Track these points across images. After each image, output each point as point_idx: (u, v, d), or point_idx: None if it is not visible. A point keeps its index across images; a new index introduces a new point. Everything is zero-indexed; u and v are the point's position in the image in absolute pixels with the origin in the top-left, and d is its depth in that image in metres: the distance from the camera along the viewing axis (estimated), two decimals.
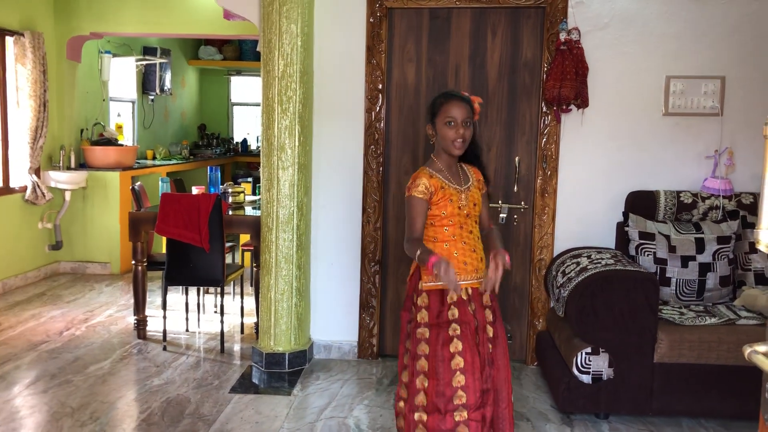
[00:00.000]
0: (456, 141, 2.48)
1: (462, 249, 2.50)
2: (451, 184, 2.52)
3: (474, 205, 2.56)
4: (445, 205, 2.48)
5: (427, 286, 2.50)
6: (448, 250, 2.49)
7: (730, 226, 3.63)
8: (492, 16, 3.97)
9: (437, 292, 2.49)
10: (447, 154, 2.54)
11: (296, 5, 3.73)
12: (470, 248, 2.51)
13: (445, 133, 2.49)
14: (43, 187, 5.96)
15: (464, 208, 2.52)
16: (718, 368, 3.19)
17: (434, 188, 2.48)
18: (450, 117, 2.48)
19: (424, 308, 2.49)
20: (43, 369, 3.93)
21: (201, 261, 4.23)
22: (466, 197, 2.53)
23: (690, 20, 3.82)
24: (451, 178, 2.54)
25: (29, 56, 5.67)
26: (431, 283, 2.48)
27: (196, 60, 9.43)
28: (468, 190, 2.55)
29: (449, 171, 2.55)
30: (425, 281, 2.50)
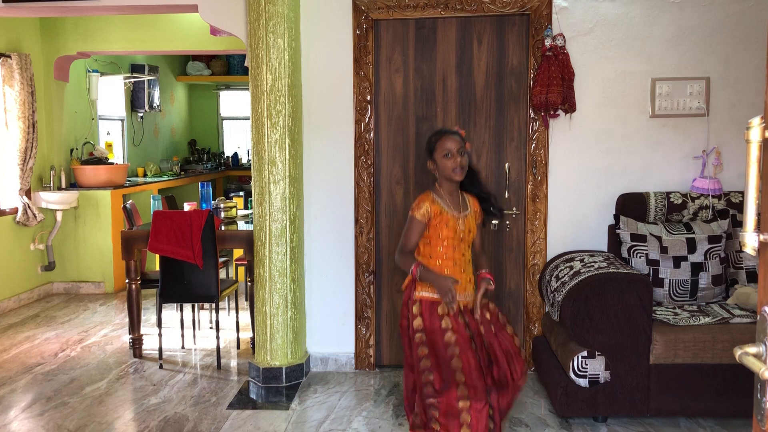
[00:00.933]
0: (455, 169, 2.76)
1: (452, 269, 2.75)
2: (450, 210, 2.78)
3: (469, 231, 2.81)
4: (442, 228, 2.74)
5: (420, 295, 2.73)
6: (440, 267, 2.74)
7: (721, 225, 3.66)
8: (477, 24, 4.00)
9: (429, 301, 2.72)
10: (449, 181, 2.80)
11: (282, 20, 3.75)
12: (461, 269, 2.77)
13: (445, 164, 2.78)
14: (34, 208, 5.94)
15: (460, 232, 2.77)
16: (713, 367, 3.21)
17: (433, 213, 2.75)
18: (446, 149, 2.77)
19: (419, 315, 2.72)
20: (38, 392, 3.91)
21: (195, 277, 4.22)
22: (462, 222, 2.78)
23: (672, 23, 3.86)
24: (452, 204, 2.80)
25: (17, 78, 5.66)
26: (425, 293, 2.73)
27: (185, 76, 9.43)
28: (465, 217, 2.80)
29: (450, 198, 2.81)
30: (419, 290, 2.74)
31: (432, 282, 2.67)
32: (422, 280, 2.69)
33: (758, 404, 1.08)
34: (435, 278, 2.66)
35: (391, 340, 4.22)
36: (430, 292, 2.71)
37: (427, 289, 2.71)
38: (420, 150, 4.09)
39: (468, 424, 2.56)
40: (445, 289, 2.62)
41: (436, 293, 2.69)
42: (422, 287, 2.72)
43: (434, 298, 2.70)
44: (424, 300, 2.72)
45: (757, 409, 1.08)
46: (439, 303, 2.69)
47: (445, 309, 2.68)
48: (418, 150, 4.09)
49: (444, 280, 2.64)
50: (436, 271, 2.71)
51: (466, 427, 2.56)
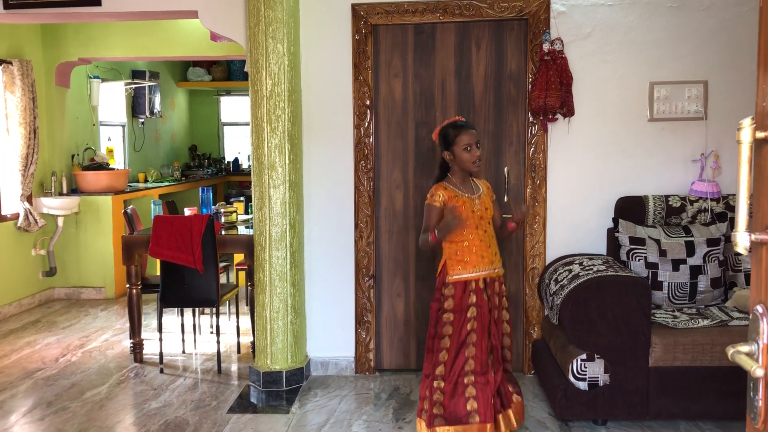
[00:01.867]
0: (475, 161, 3.01)
1: (479, 245, 3.00)
2: (464, 193, 3.03)
3: (486, 209, 3.06)
4: (461, 210, 2.97)
5: (453, 279, 2.99)
6: (468, 246, 2.99)
7: (719, 228, 3.66)
8: (476, 29, 4.02)
9: (461, 283, 2.98)
10: (463, 171, 3.05)
11: (282, 25, 3.77)
12: (486, 245, 3.02)
13: (465, 157, 3.00)
14: (36, 213, 5.96)
15: (478, 211, 3.02)
16: (712, 370, 3.21)
17: (448, 197, 3.00)
18: (467, 143, 3.00)
19: (450, 297, 2.99)
20: (39, 397, 3.92)
21: (195, 282, 4.23)
22: (479, 202, 3.04)
23: (670, 27, 3.88)
24: (464, 189, 3.05)
25: (18, 84, 5.69)
26: (456, 275, 2.99)
27: (185, 81, 9.46)
28: (479, 198, 3.05)
29: (462, 185, 3.06)
30: (451, 274, 2.99)
31: (447, 228, 2.89)
32: (441, 233, 2.90)
33: (751, 402, 1.09)
34: (446, 223, 2.89)
35: (391, 344, 4.23)
36: (461, 272, 2.97)
37: (459, 271, 2.97)
38: (419, 154, 4.10)
39: (474, 397, 2.89)
40: (453, 220, 2.87)
41: (467, 272, 2.96)
42: (453, 270, 2.98)
43: (467, 277, 2.97)
44: (458, 282, 2.98)
45: (750, 408, 1.09)
46: (469, 282, 2.96)
47: (473, 285, 2.97)
48: (418, 154, 4.11)
49: (451, 218, 2.89)
50: (465, 250, 2.97)
51: (473, 400, 2.90)
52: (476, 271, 2.98)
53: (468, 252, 2.98)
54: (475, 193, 3.05)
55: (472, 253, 2.98)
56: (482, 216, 3.02)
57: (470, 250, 2.98)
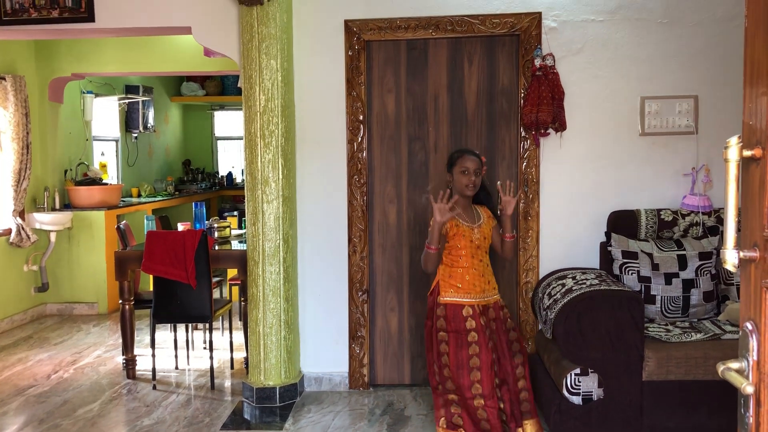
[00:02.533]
0: (468, 185, 3.09)
1: (472, 274, 3.05)
2: (465, 222, 3.07)
3: (484, 238, 3.11)
4: (459, 238, 3.04)
5: (444, 300, 3.04)
6: (461, 274, 3.04)
7: (711, 241, 3.68)
8: (468, 45, 4.05)
9: (452, 305, 3.03)
10: (461, 196, 3.09)
11: (275, 41, 3.79)
12: (479, 273, 3.06)
13: (460, 179, 3.10)
14: (28, 229, 5.94)
15: (476, 240, 3.07)
16: (706, 384, 3.21)
17: (449, 226, 3.04)
18: (464, 167, 3.10)
19: (443, 317, 3.03)
20: (31, 414, 3.88)
21: (188, 297, 4.22)
22: (478, 231, 3.08)
23: (660, 43, 3.92)
24: (466, 217, 3.09)
25: (11, 99, 5.69)
26: (448, 298, 3.04)
27: (179, 96, 9.48)
28: (479, 227, 3.10)
29: (464, 212, 3.11)
30: (443, 296, 3.05)
31: (431, 233, 2.96)
32: (429, 238, 2.97)
33: (742, 419, 1.10)
34: (431, 228, 2.97)
35: (385, 359, 4.22)
36: (453, 296, 3.02)
37: (451, 294, 3.02)
38: (412, 168, 4.12)
39: (486, 420, 2.91)
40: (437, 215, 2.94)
41: (459, 296, 3.02)
42: (446, 292, 3.04)
43: (457, 301, 3.01)
44: (449, 304, 3.02)
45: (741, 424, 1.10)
46: (463, 306, 3.01)
47: (469, 311, 3.01)
48: (411, 169, 4.12)
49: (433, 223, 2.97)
50: (458, 276, 3.03)
51: (485, 422, 2.91)
52: (468, 298, 3.03)
53: (461, 278, 3.04)
54: (475, 222, 3.10)
55: (465, 281, 3.03)
56: (479, 246, 3.08)
57: (463, 277, 3.04)
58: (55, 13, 4.14)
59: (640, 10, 3.91)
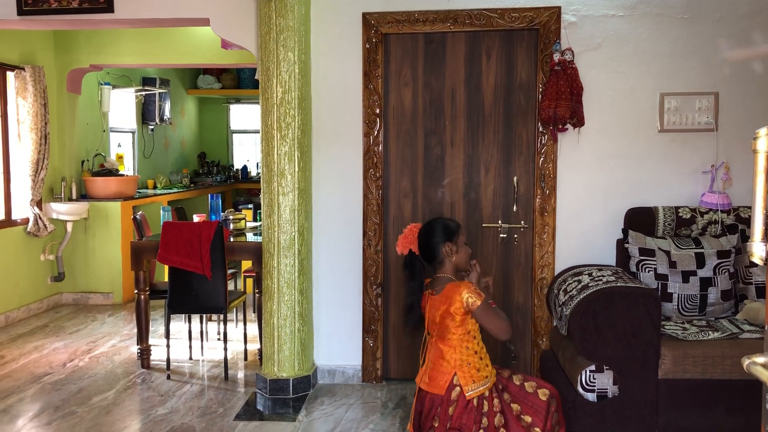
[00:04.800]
0: (471, 260, 2.78)
1: (473, 357, 2.67)
2: None
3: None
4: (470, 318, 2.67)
5: (471, 395, 2.61)
6: (478, 354, 2.67)
7: (730, 240, 3.64)
8: (486, 39, 4.03)
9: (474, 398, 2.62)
10: (457, 272, 2.75)
11: (293, 33, 3.79)
12: (478, 356, 2.68)
13: (465, 251, 2.75)
14: (45, 218, 5.99)
15: None
16: (723, 383, 3.18)
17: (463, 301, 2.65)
18: (465, 239, 2.79)
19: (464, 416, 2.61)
20: (46, 401, 3.92)
21: (203, 288, 4.24)
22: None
23: (681, 38, 3.88)
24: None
25: (30, 90, 5.73)
26: (473, 390, 2.61)
27: (195, 89, 9.52)
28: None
29: None
30: (468, 390, 2.61)
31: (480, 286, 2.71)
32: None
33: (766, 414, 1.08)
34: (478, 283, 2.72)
35: (399, 353, 4.22)
36: (476, 386, 2.61)
37: (474, 386, 2.61)
38: (428, 163, 4.10)
39: None
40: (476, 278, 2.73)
41: (482, 384, 2.62)
42: (467, 384, 2.60)
43: (481, 390, 2.62)
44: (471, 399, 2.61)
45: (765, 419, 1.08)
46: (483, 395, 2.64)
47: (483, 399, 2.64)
48: (427, 163, 4.11)
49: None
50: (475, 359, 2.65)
51: None
52: (489, 381, 2.66)
53: (477, 360, 2.65)
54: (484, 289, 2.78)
55: (480, 360, 2.67)
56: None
57: (479, 357, 2.66)
58: (75, 4, 4.17)
59: (661, 5, 3.87)
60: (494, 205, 4.09)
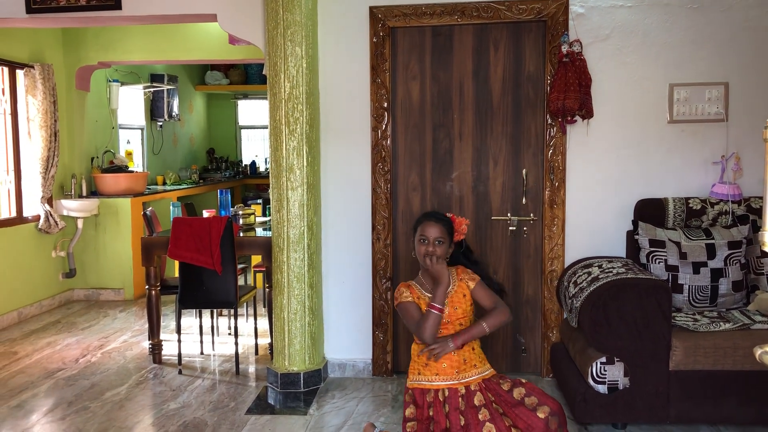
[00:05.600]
0: (425, 258, 2.70)
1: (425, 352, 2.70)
2: (426, 293, 2.76)
3: (455, 308, 2.74)
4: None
5: (412, 385, 2.74)
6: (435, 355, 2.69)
7: (741, 230, 3.63)
8: (494, 31, 4.01)
9: (419, 390, 2.72)
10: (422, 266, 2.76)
11: (300, 28, 3.79)
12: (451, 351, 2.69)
13: (418, 249, 2.74)
14: (56, 215, 6.03)
15: (444, 316, 2.71)
16: (734, 374, 3.17)
17: (413, 297, 2.75)
18: (422, 235, 2.73)
19: (411, 404, 2.74)
20: (60, 396, 3.95)
21: (214, 283, 4.25)
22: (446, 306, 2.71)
23: (690, 28, 3.85)
24: (429, 288, 2.76)
25: (39, 87, 5.76)
26: (415, 382, 2.74)
27: (203, 85, 9.53)
28: (447, 296, 2.72)
29: (429, 282, 2.77)
30: (411, 380, 2.75)
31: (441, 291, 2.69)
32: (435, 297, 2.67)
33: None
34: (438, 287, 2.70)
35: (409, 346, 4.21)
36: (419, 379, 2.72)
37: (418, 378, 2.72)
38: (437, 156, 4.10)
39: None
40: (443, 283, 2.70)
41: (426, 380, 2.69)
42: (413, 374, 2.73)
43: (425, 386, 2.69)
44: (416, 389, 2.73)
45: None
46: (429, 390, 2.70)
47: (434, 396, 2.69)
48: (435, 156, 4.10)
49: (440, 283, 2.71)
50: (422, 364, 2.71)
51: None
52: (437, 380, 2.67)
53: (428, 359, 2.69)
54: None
55: (431, 360, 2.69)
56: (450, 321, 2.72)
57: (438, 360, 2.69)
58: (83, 1, 4.18)
59: None
60: (503, 197, 4.08)
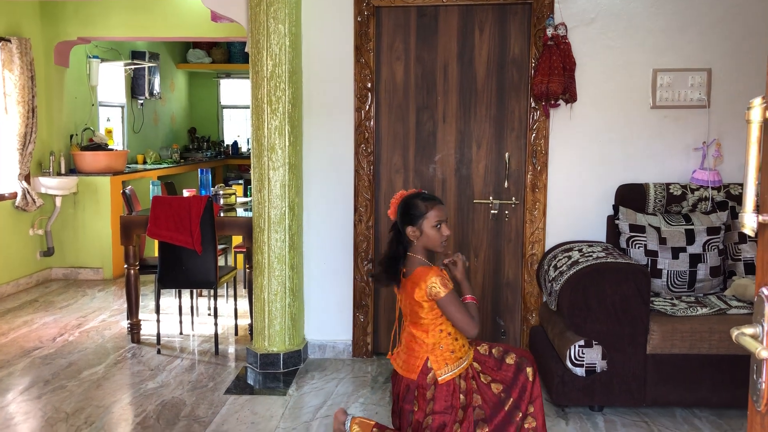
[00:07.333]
0: (443, 242, 2.61)
1: (454, 330, 2.58)
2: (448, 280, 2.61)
3: None
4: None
5: (444, 379, 2.54)
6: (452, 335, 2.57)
7: (720, 216, 3.66)
8: (479, 13, 3.99)
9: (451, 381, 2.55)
10: (430, 251, 2.64)
11: (284, 5, 3.73)
12: (453, 337, 2.58)
13: (434, 235, 2.58)
14: (34, 193, 5.94)
15: None
16: (710, 358, 3.22)
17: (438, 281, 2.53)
18: (439, 220, 2.59)
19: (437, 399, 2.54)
20: (36, 375, 3.91)
21: (193, 263, 4.22)
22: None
23: (675, 13, 3.85)
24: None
25: (16, 62, 5.64)
26: (447, 374, 2.54)
27: (185, 63, 9.40)
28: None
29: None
30: (441, 374, 2.54)
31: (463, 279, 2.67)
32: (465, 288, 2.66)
33: (754, 385, 1.08)
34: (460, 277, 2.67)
35: (389, 328, 4.23)
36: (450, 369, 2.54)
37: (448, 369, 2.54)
38: (420, 138, 4.08)
39: None
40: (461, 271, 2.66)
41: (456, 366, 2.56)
42: (440, 367, 2.53)
43: (455, 373, 2.56)
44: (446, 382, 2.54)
45: (753, 390, 1.09)
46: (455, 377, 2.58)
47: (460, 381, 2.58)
48: (418, 138, 4.09)
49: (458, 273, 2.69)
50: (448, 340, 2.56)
51: None
52: (463, 363, 2.58)
53: (452, 341, 2.57)
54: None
55: (455, 342, 2.58)
56: None
57: (453, 338, 2.57)
58: None
59: None
60: (486, 181, 4.08)
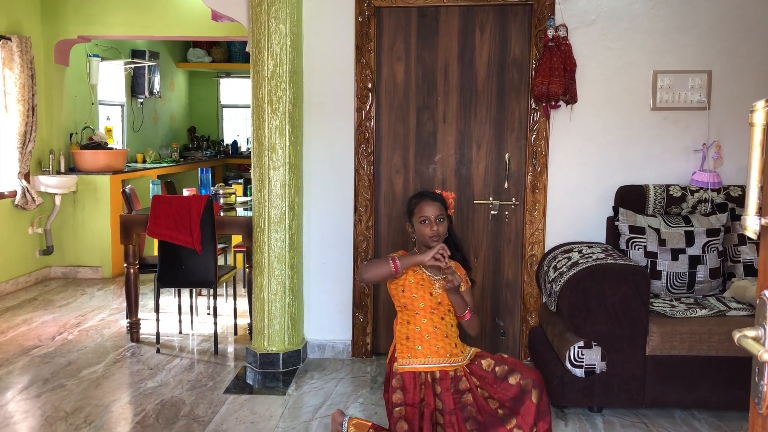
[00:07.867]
0: (432, 237, 2.65)
1: (433, 333, 2.64)
2: (426, 270, 2.66)
3: None
4: (418, 288, 2.65)
5: (402, 369, 2.64)
6: (420, 332, 2.64)
7: (719, 218, 3.66)
8: (480, 13, 3.99)
9: (410, 374, 2.63)
10: (426, 248, 2.67)
11: (285, 5, 3.74)
12: (442, 333, 2.65)
13: (422, 230, 2.67)
14: (33, 191, 5.93)
15: (437, 295, 2.66)
16: (709, 359, 3.22)
17: (410, 271, 2.64)
18: (424, 216, 2.66)
19: (399, 389, 2.63)
20: (35, 374, 3.91)
21: (193, 263, 4.22)
22: (438, 286, 2.66)
23: (676, 15, 3.85)
24: (429, 267, 2.66)
25: (17, 60, 5.64)
26: (406, 365, 2.63)
27: (185, 62, 9.41)
28: (441, 281, 2.66)
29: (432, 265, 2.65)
30: (400, 363, 2.64)
31: (414, 262, 2.58)
32: (405, 266, 2.59)
33: (756, 387, 1.09)
34: (413, 258, 2.58)
35: (388, 328, 4.23)
36: (410, 361, 2.62)
37: (409, 360, 2.62)
38: (420, 138, 4.08)
39: None
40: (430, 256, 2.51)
41: (417, 362, 2.61)
42: (403, 357, 2.63)
43: (417, 368, 2.61)
44: (406, 373, 2.62)
45: (754, 392, 1.09)
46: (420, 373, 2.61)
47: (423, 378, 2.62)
48: (419, 139, 4.09)
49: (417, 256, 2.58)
50: (417, 336, 2.62)
51: None
52: (427, 363, 2.61)
53: (420, 339, 2.63)
54: (440, 274, 2.65)
55: (424, 341, 2.62)
56: (441, 301, 2.66)
57: (422, 337, 2.63)
58: None
59: None
60: (486, 181, 4.08)
